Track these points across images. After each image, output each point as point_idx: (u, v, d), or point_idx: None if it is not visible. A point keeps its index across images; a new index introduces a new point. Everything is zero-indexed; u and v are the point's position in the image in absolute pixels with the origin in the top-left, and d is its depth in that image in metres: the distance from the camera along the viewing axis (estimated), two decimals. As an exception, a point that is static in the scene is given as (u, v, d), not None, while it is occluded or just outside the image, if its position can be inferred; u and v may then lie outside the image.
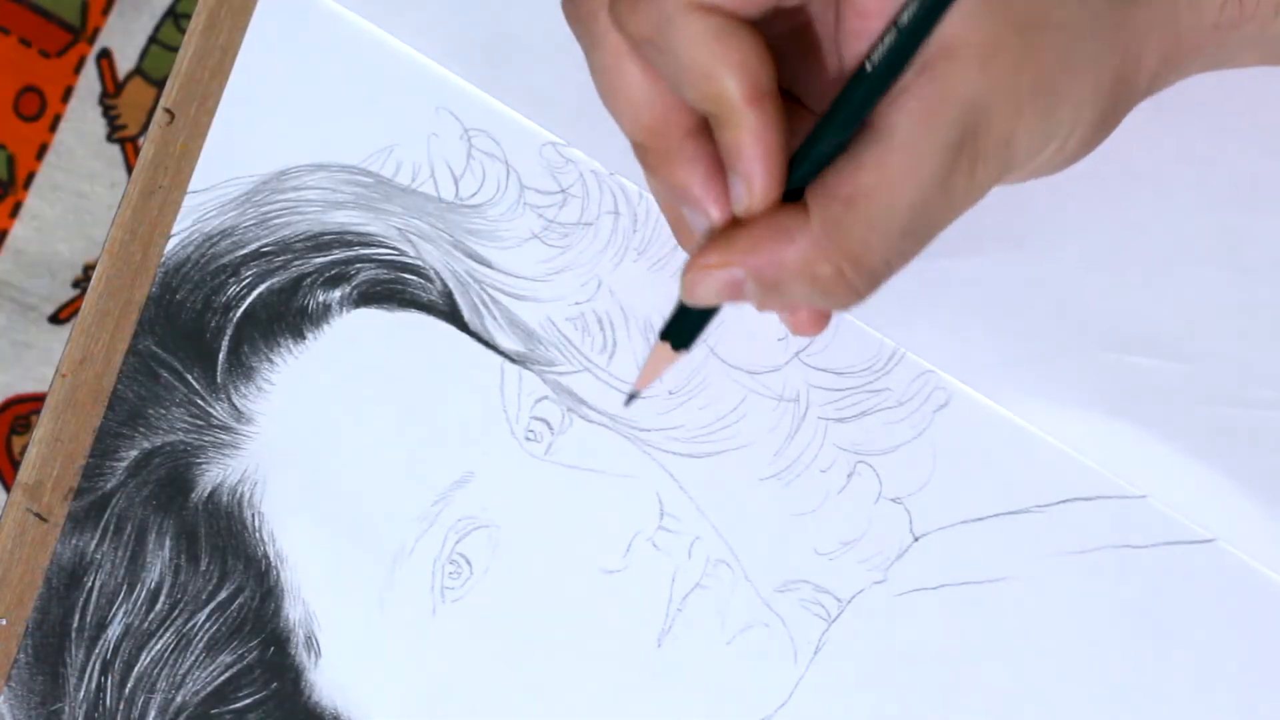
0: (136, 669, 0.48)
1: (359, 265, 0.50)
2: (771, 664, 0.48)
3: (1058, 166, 0.43)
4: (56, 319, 1.17)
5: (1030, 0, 0.40)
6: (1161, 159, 0.46)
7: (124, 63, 1.20)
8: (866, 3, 0.40)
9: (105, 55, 1.20)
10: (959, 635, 0.48)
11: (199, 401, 0.49)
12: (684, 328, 0.45)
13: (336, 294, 0.49)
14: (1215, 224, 0.48)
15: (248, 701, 0.48)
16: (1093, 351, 0.48)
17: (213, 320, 0.49)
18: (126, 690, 0.48)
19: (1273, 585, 0.47)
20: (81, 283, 1.17)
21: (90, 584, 0.48)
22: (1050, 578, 0.48)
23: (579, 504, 0.48)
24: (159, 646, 0.48)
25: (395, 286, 0.49)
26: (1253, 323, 0.48)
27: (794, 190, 0.42)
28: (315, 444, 0.49)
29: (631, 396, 0.47)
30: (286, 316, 0.49)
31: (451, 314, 0.49)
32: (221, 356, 0.49)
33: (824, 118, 0.41)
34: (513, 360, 0.49)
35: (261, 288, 0.49)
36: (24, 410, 1.17)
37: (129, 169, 1.19)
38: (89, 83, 1.19)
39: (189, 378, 0.49)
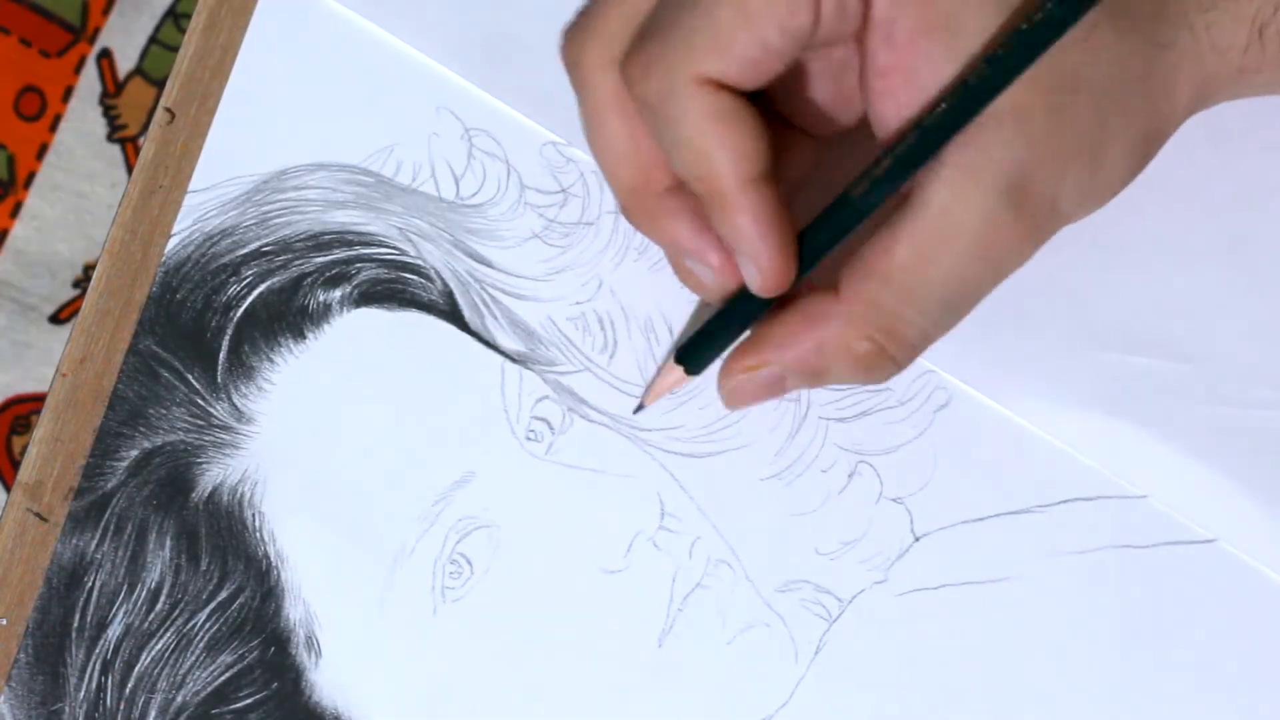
0: (137, 669, 0.48)
1: (359, 265, 0.50)
2: (772, 664, 0.48)
3: (1095, 210, 0.43)
4: (56, 319, 1.17)
5: (1059, 63, 0.40)
6: (1162, 159, 0.46)
7: (124, 62, 1.20)
8: (887, 63, 0.40)
9: (105, 55, 1.20)
10: (959, 635, 0.48)
11: (199, 401, 0.49)
12: (699, 354, 0.45)
13: (337, 294, 0.49)
14: (1216, 224, 0.48)
15: (248, 701, 0.48)
16: (1093, 351, 0.48)
17: (213, 320, 0.49)
18: (127, 690, 0.48)
19: (1273, 585, 0.47)
20: (81, 283, 1.17)
21: (90, 584, 0.48)
22: (1050, 578, 0.48)
23: (579, 504, 0.48)
24: (159, 646, 0.48)
25: (396, 286, 0.49)
26: (1253, 323, 0.48)
27: (813, 260, 0.42)
28: (315, 444, 0.49)
29: (639, 407, 0.48)
30: (287, 316, 0.49)
31: (452, 314, 0.49)
32: (222, 356, 0.49)
33: (849, 189, 0.41)
34: (513, 360, 0.49)
35: (262, 287, 0.49)
36: (24, 410, 1.17)
37: (129, 169, 1.19)
38: (89, 83, 1.19)
39: (189, 377, 0.49)
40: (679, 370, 0.46)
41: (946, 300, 0.41)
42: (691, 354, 0.45)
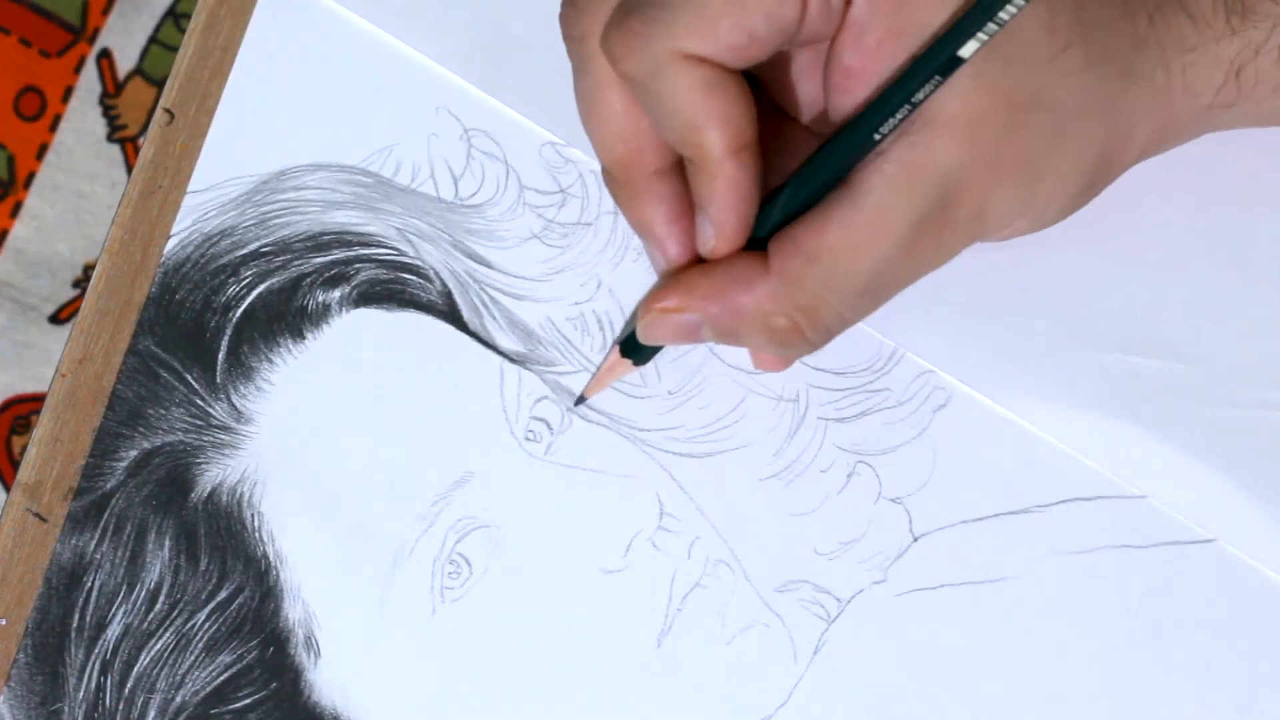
0: (136, 669, 0.48)
1: (359, 265, 0.50)
2: (771, 664, 0.48)
3: (1033, 230, 0.43)
4: (56, 319, 1.17)
5: (1022, 78, 0.40)
6: (1161, 159, 0.46)
7: (124, 63, 1.20)
8: (853, 63, 0.40)
9: (105, 55, 1.20)
10: (959, 635, 0.48)
11: (199, 401, 0.49)
12: (642, 344, 0.45)
13: (336, 294, 0.49)
14: (1215, 224, 0.48)
15: (247, 701, 0.48)
16: (1093, 351, 0.48)
17: (212, 320, 0.49)
18: (126, 690, 0.48)
19: (1273, 585, 0.47)
20: (81, 283, 1.17)
21: (90, 584, 0.48)
22: (1050, 578, 0.48)
23: (579, 504, 0.48)
24: (159, 646, 0.48)
25: (395, 286, 0.49)
26: (1253, 323, 0.48)
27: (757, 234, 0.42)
28: (315, 444, 0.49)
29: (580, 400, 0.48)
30: (286, 316, 0.49)
31: (451, 314, 0.49)
32: (221, 356, 0.49)
33: (796, 174, 0.42)
34: (512, 360, 0.49)
35: (261, 288, 0.49)
36: (24, 410, 1.17)
37: (129, 169, 1.19)
38: (89, 83, 1.19)
39: (189, 378, 0.49)
40: (626, 362, 0.46)
41: (867, 289, 0.41)
42: (635, 344, 0.45)
